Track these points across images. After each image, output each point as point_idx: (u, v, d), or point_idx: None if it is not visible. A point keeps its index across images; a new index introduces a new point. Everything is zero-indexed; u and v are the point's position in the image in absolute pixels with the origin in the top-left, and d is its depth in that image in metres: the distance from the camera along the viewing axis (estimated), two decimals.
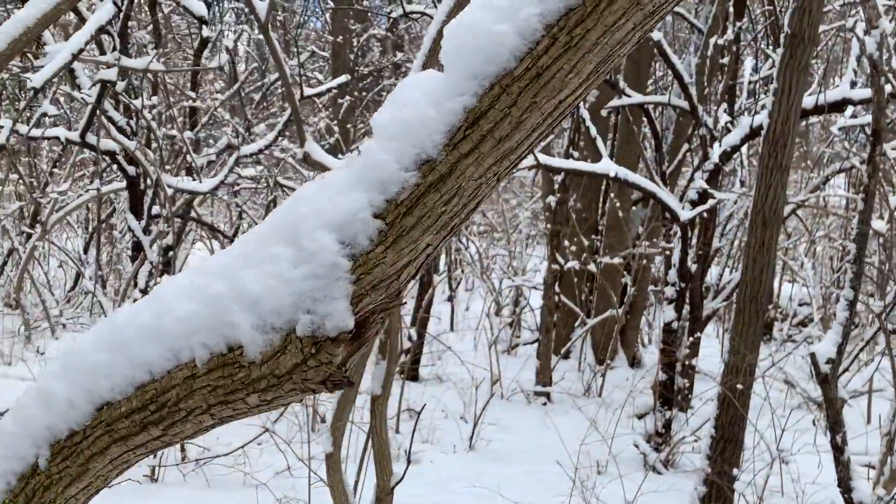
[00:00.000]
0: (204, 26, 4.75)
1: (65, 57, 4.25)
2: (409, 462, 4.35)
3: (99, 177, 10.15)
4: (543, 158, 5.85)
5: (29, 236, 9.51)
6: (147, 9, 7.20)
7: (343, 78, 6.17)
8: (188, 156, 7.03)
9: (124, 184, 7.26)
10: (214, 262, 1.06)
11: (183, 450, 5.82)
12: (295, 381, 0.97)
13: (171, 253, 6.62)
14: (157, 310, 1.05)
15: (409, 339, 7.31)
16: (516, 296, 10.51)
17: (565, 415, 7.06)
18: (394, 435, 6.34)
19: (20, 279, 9.10)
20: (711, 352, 9.50)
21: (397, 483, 3.98)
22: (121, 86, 5.94)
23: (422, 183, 0.96)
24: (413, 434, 4.26)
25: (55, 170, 11.06)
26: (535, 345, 8.56)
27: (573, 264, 8.24)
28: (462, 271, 12.71)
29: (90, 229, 11.13)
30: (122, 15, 5.57)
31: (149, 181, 6.84)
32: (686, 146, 8.10)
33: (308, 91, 6.37)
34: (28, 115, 6.57)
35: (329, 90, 5.91)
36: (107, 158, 7.07)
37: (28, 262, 9.11)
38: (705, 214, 6.47)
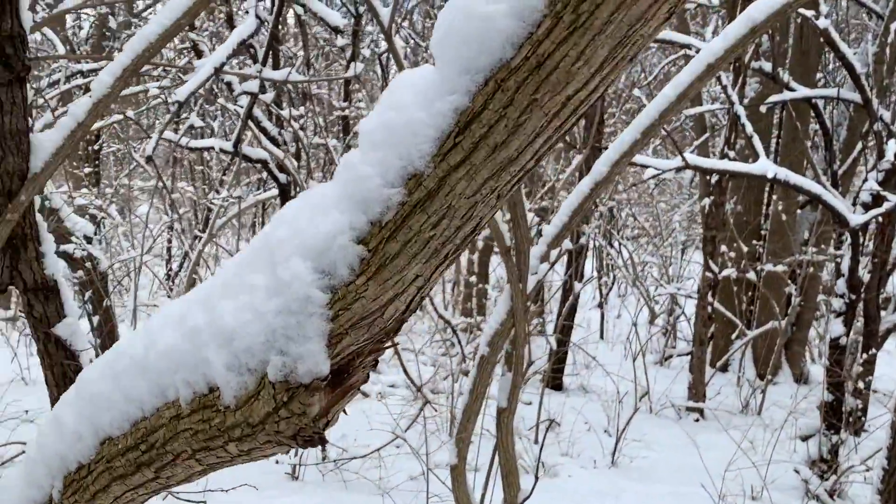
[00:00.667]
0: (339, 36, 4.81)
1: (207, 71, 4.43)
2: (536, 479, 4.17)
3: (263, 184, 10.67)
4: (692, 158, 5.47)
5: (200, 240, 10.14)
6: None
7: None
8: (336, 163, 7.22)
9: (277, 191, 7.55)
10: (202, 287, 0.96)
11: (324, 449, 5.95)
12: (268, 433, 0.85)
13: None
14: (147, 340, 0.97)
15: (550, 347, 7.10)
16: (671, 304, 10.01)
17: (718, 433, 6.58)
18: (531, 445, 6.16)
19: (190, 280, 9.73)
20: (892, 371, 8.59)
21: (525, 499, 3.82)
22: (269, 97, 6.16)
23: (407, 202, 0.80)
24: (541, 448, 4.09)
25: (224, 178, 11.77)
26: (690, 357, 8.09)
27: (730, 272, 7.70)
28: (613, 277, 12.26)
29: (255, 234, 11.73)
30: (269, 29, 5.77)
31: (298, 188, 7.07)
32: (860, 144, 7.35)
33: None
34: (175, 127, 6.98)
35: None
36: (258, 167, 7.38)
37: (196, 265, 9.72)
38: (881, 219, 5.81)
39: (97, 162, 12.04)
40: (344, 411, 0.85)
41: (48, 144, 2.59)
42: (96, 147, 11.80)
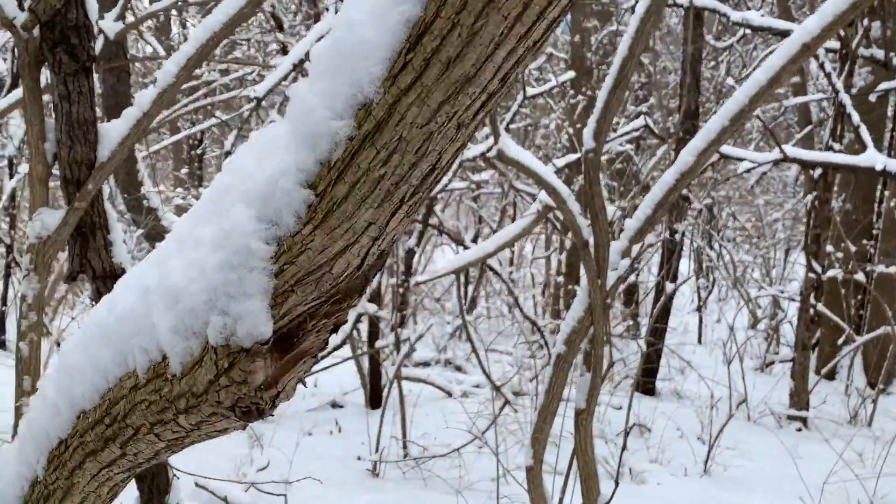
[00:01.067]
0: None
1: (286, 68, 4.47)
2: (616, 484, 3.99)
3: None
4: (791, 150, 5.14)
5: None
6: None
7: (566, 76, 5.92)
8: None
9: None
10: (161, 244, 0.87)
11: (405, 447, 5.91)
12: (211, 403, 0.76)
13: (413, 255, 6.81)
14: (110, 303, 0.90)
15: (641, 350, 6.83)
16: (773, 308, 9.52)
17: (822, 444, 6.16)
18: (618, 451, 5.94)
19: None
20: None
21: None
22: None
23: (356, 136, 0.68)
24: (622, 451, 3.92)
25: None
26: (792, 363, 7.64)
27: (836, 272, 7.23)
28: (713, 280, 11.77)
29: None
30: None
31: None
32: None
33: (530, 91, 6.21)
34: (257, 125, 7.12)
35: (551, 88, 5.69)
36: None
37: None
38: None
39: (199, 165, 12.51)
40: (303, 383, 0.76)
41: (115, 134, 2.62)
42: (199, 151, 12.28)
